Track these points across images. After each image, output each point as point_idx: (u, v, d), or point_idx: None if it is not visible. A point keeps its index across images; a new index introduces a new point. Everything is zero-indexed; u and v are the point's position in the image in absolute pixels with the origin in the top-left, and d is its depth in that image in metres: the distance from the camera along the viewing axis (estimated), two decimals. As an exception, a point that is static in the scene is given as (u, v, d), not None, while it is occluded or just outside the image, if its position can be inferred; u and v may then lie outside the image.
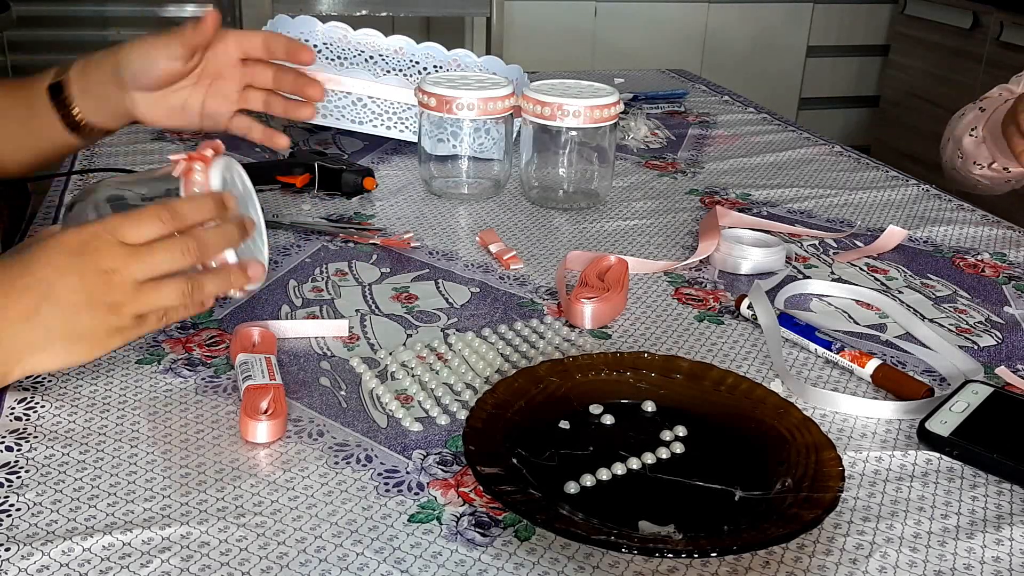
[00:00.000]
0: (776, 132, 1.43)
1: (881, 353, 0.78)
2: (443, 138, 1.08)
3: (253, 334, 0.74)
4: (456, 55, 1.37)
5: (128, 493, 0.58)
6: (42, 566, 0.52)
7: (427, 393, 0.70)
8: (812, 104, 3.49)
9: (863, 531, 0.58)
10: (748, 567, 0.54)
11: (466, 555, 0.55)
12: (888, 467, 0.64)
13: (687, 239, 1.01)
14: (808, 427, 0.63)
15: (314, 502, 0.58)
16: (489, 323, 0.81)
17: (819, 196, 1.15)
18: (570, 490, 0.59)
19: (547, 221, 1.04)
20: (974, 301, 0.89)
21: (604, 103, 1.01)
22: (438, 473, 0.61)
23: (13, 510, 0.56)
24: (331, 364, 0.74)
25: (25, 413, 0.65)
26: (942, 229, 1.07)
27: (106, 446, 0.62)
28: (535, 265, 0.93)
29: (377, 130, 1.18)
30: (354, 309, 0.83)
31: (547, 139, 1.06)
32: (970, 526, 0.59)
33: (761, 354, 0.78)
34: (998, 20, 2.88)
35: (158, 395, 0.69)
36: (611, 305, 0.81)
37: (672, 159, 1.28)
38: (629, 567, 0.54)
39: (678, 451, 0.63)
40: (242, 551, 0.54)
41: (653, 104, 1.55)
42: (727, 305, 0.86)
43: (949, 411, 0.68)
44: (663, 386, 0.69)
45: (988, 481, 0.63)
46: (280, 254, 0.93)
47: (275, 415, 0.64)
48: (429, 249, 0.95)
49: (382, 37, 1.39)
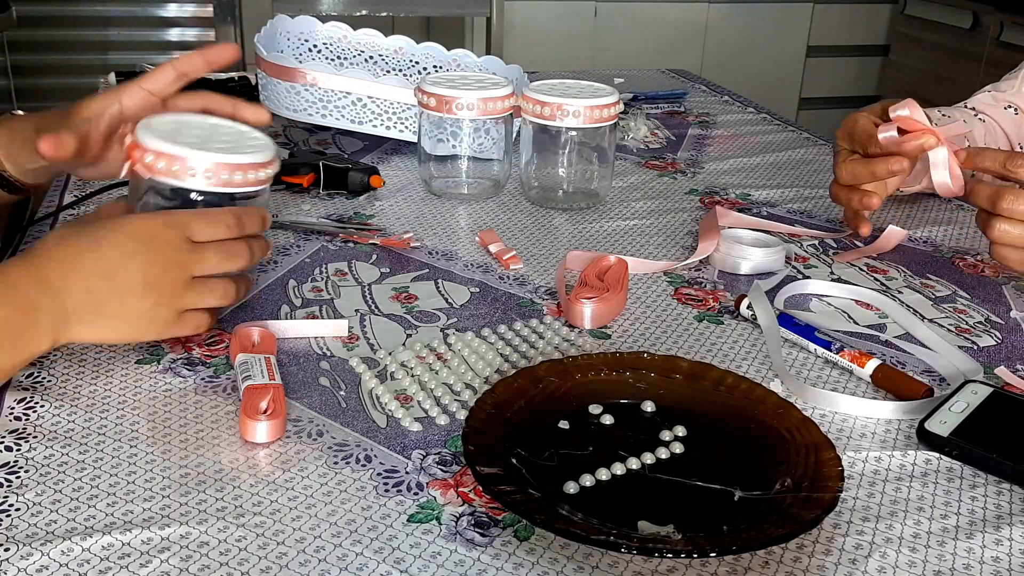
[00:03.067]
0: (776, 132, 1.43)
1: (881, 353, 0.78)
2: (443, 138, 1.08)
3: (253, 334, 0.74)
4: (456, 55, 1.38)
5: (127, 493, 0.58)
6: (41, 566, 0.52)
7: (427, 393, 0.70)
8: (812, 104, 3.49)
9: (862, 531, 0.58)
10: (747, 567, 0.54)
11: (465, 555, 0.55)
12: (887, 467, 0.64)
13: (687, 239, 1.01)
14: (807, 427, 0.63)
15: (313, 502, 0.58)
16: (489, 323, 0.81)
17: (819, 196, 1.15)
18: (569, 490, 0.59)
19: (547, 221, 1.04)
20: (974, 301, 0.89)
21: (604, 103, 1.01)
22: (437, 473, 0.61)
23: (12, 510, 0.56)
24: (331, 364, 0.74)
25: (25, 413, 0.65)
26: (942, 229, 1.07)
27: (106, 446, 0.63)
28: (535, 265, 0.93)
29: (377, 130, 1.18)
30: (354, 309, 0.83)
31: (547, 139, 1.06)
32: (969, 526, 0.59)
33: (761, 354, 0.78)
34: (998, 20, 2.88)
35: (158, 395, 0.69)
36: (611, 305, 0.81)
37: (672, 159, 1.28)
38: (628, 567, 0.54)
39: (677, 451, 0.63)
40: (241, 551, 0.54)
41: (653, 104, 1.55)
42: (727, 305, 0.86)
43: (949, 411, 0.68)
44: (663, 386, 0.69)
45: (988, 481, 0.63)
46: (280, 254, 0.93)
47: (275, 415, 0.64)
48: (429, 249, 0.95)
49: (382, 37, 1.39)
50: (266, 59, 1.18)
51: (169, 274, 0.67)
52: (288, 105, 1.17)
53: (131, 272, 0.65)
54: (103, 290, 0.65)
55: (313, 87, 1.15)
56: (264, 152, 0.74)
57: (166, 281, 0.67)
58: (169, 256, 0.67)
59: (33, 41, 2.64)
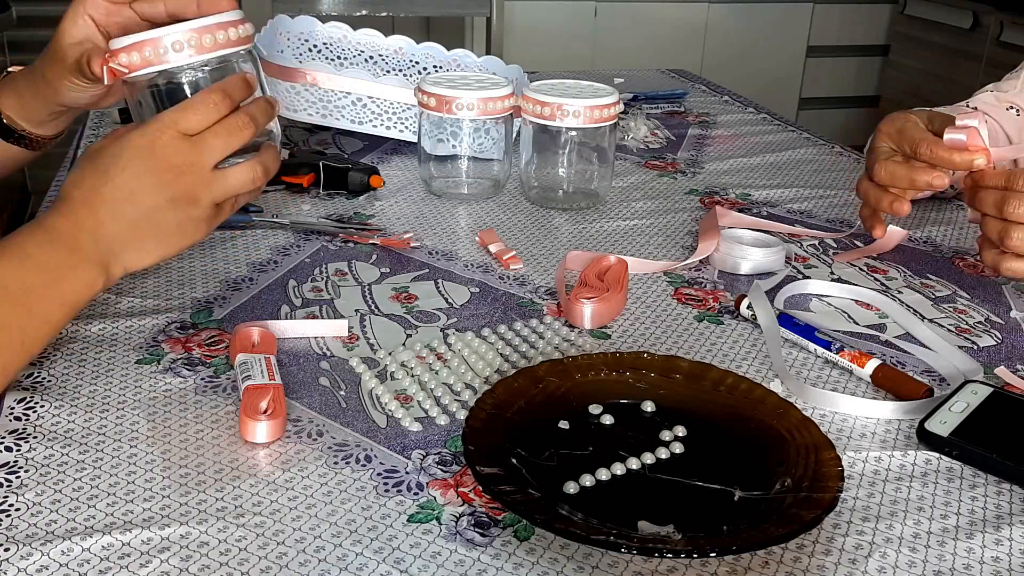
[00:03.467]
0: (776, 132, 1.43)
1: (881, 353, 0.78)
2: (443, 138, 1.08)
3: (253, 334, 0.74)
4: (456, 55, 1.38)
5: (127, 493, 0.58)
6: (41, 566, 0.52)
7: (426, 393, 0.70)
8: (812, 104, 3.49)
9: (862, 531, 0.58)
10: (747, 567, 0.54)
11: (465, 555, 0.55)
12: (887, 467, 0.64)
13: (687, 239, 1.01)
14: (807, 427, 0.63)
15: (313, 502, 0.58)
16: (489, 323, 0.81)
17: (819, 196, 1.15)
18: (569, 490, 0.59)
19: (547, 221, 1.04)
20: (974, 301, 0.89)
21: (604, 103, 1.01)
22: (437, 473, 0.61)
23: (12, 510, 0.56)
24: (331, 364, 0.74)
25: (25, 413, 0.65)
26: (942, 229, 1.07)
27: (106, 446, 0.62)
28: (535, 265, 0.93)
29: (377, 130, 1.18)
30: (354, 309, 0.83)
31: (547, 139, 1.06)
32: (969, 526, 0.59)
33: (761, 354, 0.78)
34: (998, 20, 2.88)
35: (158, 395, 0.69)
36: (611, 305, 0.81)
37: (672, 159, 1.28)
38: (628, 567, 0.54)
39: (677, 451, 0.63)
40: (241, 551, 0.54)
41: (653, 104, 1.55)
42: (727, 305, 0.86)
43: (948, 411, 0.68)
44: (662, 386, 0.69)
45: (988, 481, 0.63)
46: (280, 254, 0.93)
47: (275, 415, 0.64)
48: (429, 249, 0.95)
49: (382, 37, 1.39)
50: (266, 59, 1.18)
51: (185, 177, 0.66)
52: (288, 105, 1.17)
53: (149, 189, 0.66)
54: (133, 216, 0.66)
55: (313, 87, 1.15)
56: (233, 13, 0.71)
57: (185, 184, 0.66)
58: (175, 160, 0.66)
59: (33, 41, 2.62)
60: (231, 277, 0.87)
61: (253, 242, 0.95)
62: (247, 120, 0.69)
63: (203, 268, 0.88)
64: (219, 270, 0.88)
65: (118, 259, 0.67)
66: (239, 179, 0.69)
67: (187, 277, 0.87)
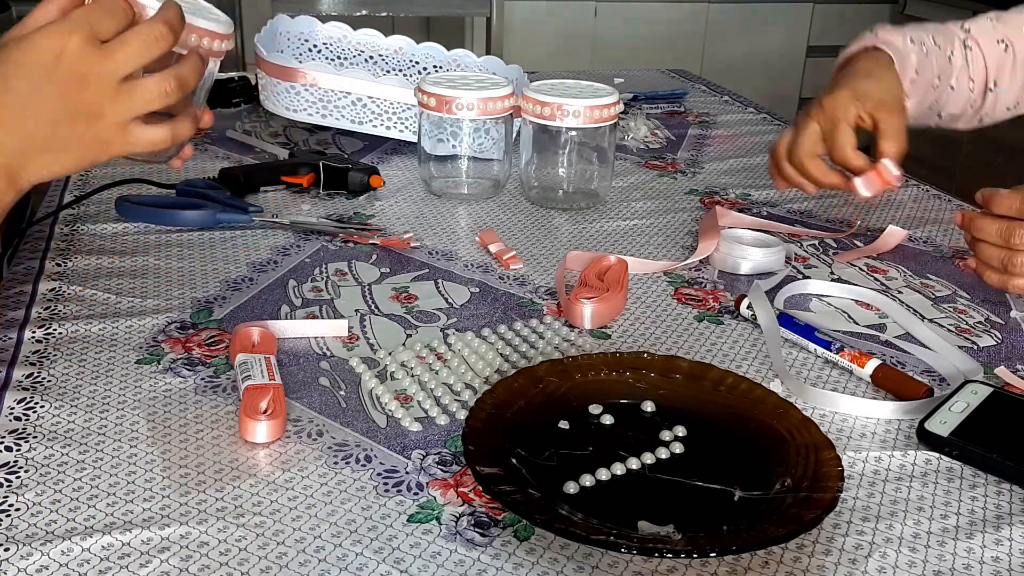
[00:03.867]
0: (776, 132, 1.43)
1: (881, 353, 0.78)
2: (443, 138, 1.08)
3: (252, 334, 0.74)
4: (456, 55, 1.38)
5: (127, 493, 0.58)
6: (41, 566, 0.52)
7: (426, 393, 0.70)
8: (812, 104, 3.48)
9: (862, 531, 0.58)
10: (747, 567, 0.54)
11: (465, 555, 0.55)
12: (887, 467, 0.64)
13: (687, 239, 1.01)
14: (807, 427, 0.63)
15: (313, 502, 0.58)
16: (489, 323, 0.81)
17: (819, 196, 1.15)
18: (569, 490, 0.59)
19: (547, 221, 1.04)
20: (974, 301, 0.89)
21: (604, 103, 1.01)
22: (437, 473, 0.61)
23: (12, 510, 0.56)
24: (330, 364, 0.74)
25: (25, 413, 0.65)
26: (942, 229, 1.07)
27: (106, 446, 0.62)
28: (535, 265, 0.93)
29: (377, 130, 1.18)
30: (354, 309, 0.83)
31: (547, 139, 1.06)
32: (969, 526, 0.59)
33: (761, 354, 0.78)
34: (998, 20, 2.87)
35: (158, 395, 0.68)
36: (611, 305, 0.81)
37: (672, 159, 1.28)
38: (628, 567, 0.54)
39: (677, 451, 0.63)
40: (241, 551, 0.54)
41: (653, 104, 1.55)
42: (727, 305, 0.86)
43: (948, 411, 0.68)
44: (662, 386, 0.69)
45: (988, 481, 0.63)
46: (280, 254, 0.93)
47: (274, 415, 0.64)
48: (429, 249, 0.95)
49: (382, 37, 1.39)
50: (266, 59, 1.18)
51: (91, 88, 0.61)
52: (288, 105, 1.17)
53: (50, 101, 0.61)
54: (32, 127, 0.61)
55: (313, 87, 1.15)
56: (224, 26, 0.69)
57: (89, 97, 0.61)
58: (80, 68, 0.61)
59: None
60: (231, 277, 0.87)
61: (253, 242, 0.95)
62: (165, 31, 0.63)
63: (203, 268, 0.88)
64: (219, 270, 0.88)
65: (23, 173, 0.63)
66: (149, 92, 0.63)
67: (187, 277, 0.87)
